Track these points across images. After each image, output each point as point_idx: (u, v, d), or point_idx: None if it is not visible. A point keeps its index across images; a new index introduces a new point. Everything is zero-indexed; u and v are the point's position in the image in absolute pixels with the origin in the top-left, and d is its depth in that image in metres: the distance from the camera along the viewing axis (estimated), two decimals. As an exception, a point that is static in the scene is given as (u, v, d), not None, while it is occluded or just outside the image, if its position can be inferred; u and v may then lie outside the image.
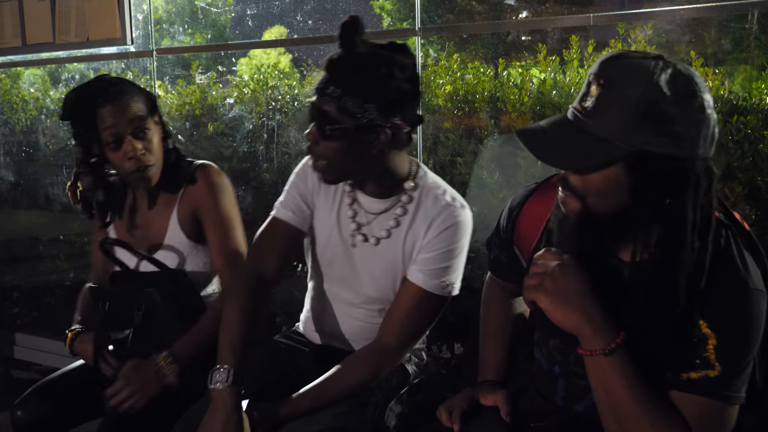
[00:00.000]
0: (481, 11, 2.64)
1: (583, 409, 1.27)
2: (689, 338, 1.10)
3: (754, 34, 2.18)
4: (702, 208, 1.07)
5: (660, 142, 1.02)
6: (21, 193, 3.68)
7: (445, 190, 1.57)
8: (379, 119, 1.40)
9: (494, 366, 1.45)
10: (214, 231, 1.79)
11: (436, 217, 1.52)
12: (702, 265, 1.08)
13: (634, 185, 1.06)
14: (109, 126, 1.66)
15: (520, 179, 2.35)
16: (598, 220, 1.12)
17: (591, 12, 2.15)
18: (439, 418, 1.37)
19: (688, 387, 1.09)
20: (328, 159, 1.44)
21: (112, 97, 1.67)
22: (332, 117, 1.39)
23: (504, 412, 1.33)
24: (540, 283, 1.14)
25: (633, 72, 1.03)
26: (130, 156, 1.68)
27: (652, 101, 1.01)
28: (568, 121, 1.10)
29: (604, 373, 1.11)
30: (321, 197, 1.62)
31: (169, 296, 1.71)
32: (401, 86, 1.40)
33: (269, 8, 2.99)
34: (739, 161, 2.05)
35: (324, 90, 1.38)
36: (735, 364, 1.08)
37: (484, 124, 2.47)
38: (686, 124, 1.02)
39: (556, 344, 1.30)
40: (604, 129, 1.04)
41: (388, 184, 1.54)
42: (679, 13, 1.97)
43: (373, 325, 1.61)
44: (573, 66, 2.34)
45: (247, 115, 2.99)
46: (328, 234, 1.62)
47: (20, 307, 3.70)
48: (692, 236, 1.07)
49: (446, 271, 1.52)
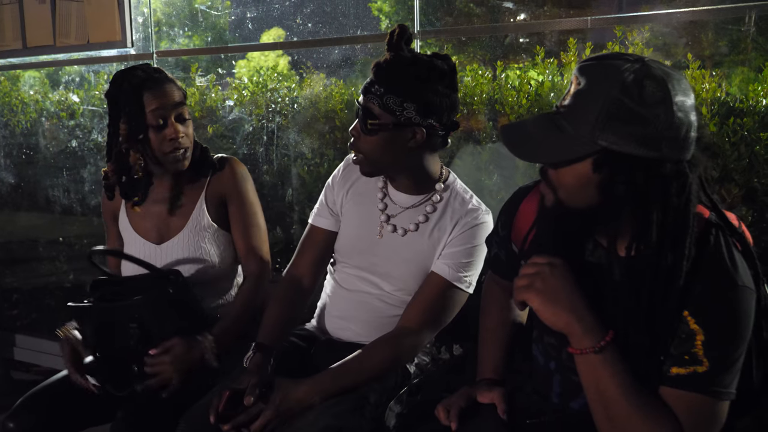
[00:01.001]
0: (479, 14, 2.66)
1: (578, 406, 1.29)
2: (677, 334, 1.11)
3: (752, 36, 2.19)
4: (675, 210, 1.08)
5: (625, 142, 1.04)
6: (21, 195, 3.68)
7: (472, 195, 1.74)
8: (417, 118, 1.55)
9: (492, 364, 1.47)
10: (239, 216, 1.91)
11: (462, 217, 1.67)
12: (678, 266, 1.09)
13: (601, 183, 1.09)
14: (155, 108, 1.76)
15: (518, 181, 2.36)
16: (570, 213, 1.15)
17: (588, 15, 2.17)
18: (437, 416, 1.38)
19: (677, 383, 1.11)
20: (367, 152, 1.61)
21: (157, 82, 1.79)
22: (374, 113, 1.55)
23: (501, 410, 1.34)
24: (530, 284, 1.17)
25: (606, 72, 1.07)
26: (171, 137, 1.79)
27: (619, 102, 1.04)
28: (549, 117, 1.14)
29: (595, 371, 1.13)
30: (351, 197, 1.79)
31: (164, 301, 1.71)
32: (438, 90, 1.55)
33: (269, 11, 3.01)
34: (736, 163, 2.06)
35: (369, 89, 1.56)
36: (723, 359, 1.09)
37: (482, 126, 2.47)
38: (654, 126, 1.04)
39: (550, 341, 1.32)
40: (574, 126, 1.08)
41: (419, 182, 1.70)
42: (676, 16, 1.98)
43: (389, 319, 1.70)
44: (570, 68, 2.35)
45: (247, 118, 3.00)
46: (357, 225, 1.76)
47: (20, 309, 3.71)
48: (659, 238, 1.09)
49: (468, 266, 1.65)
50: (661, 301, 1.11)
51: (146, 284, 1.77)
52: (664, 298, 1.11)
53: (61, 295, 3.54)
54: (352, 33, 2.80)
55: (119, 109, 1.79)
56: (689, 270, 1.10)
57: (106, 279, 1.83)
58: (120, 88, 1.78)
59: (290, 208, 2.92)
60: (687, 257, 1.09)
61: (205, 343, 1.70)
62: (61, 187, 3.51)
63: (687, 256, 1.09)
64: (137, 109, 1.76)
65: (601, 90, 1.05)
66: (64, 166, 3.49)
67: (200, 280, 1.89)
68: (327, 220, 1.81)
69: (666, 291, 1.10)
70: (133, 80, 1.77)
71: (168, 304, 1.71)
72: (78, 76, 3.53)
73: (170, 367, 1.64)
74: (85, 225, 3.46)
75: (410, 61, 1.55)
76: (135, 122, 1.77)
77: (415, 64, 1.55)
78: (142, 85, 1.77)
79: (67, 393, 1.76)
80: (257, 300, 1.88)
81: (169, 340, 1.67)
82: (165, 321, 1.70)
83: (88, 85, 3.46)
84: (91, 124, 3.39)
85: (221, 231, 1.93)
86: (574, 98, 1.10)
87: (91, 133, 3.38)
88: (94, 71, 3.44)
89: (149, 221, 1.93)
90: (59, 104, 3.49)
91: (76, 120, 3.42)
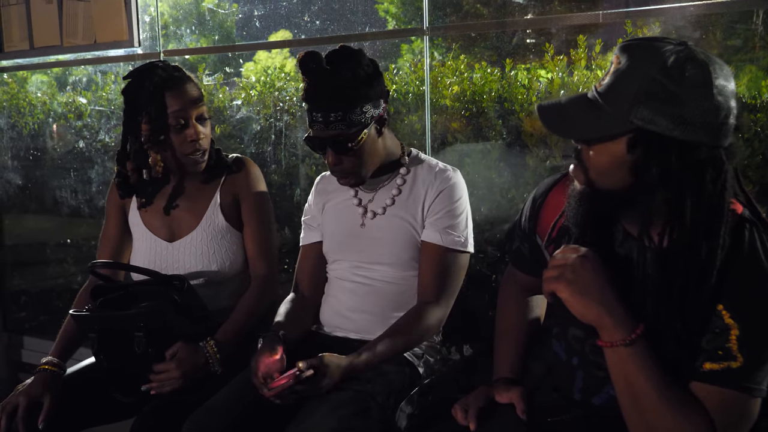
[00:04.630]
0: (485, 14, 2.64)
1: (600, 402, 1.27)
2: (710, 328, 1.09)
3: (759, 35, 2.17)
4: (709, 196, 1.07)
5: (662, 122, 1.03)
6: (28, 196, 3.68)
7: (437, 162, 1.79)
8: (374, 111, 1.62)
9: (509, 363, 1.45)
10: (251, 217, 1.92)
11: (433, 181, 1.73)
12: (712, 257, 1.07)
13: (634, 164, 1.08)
14: (177, 109, 1.75)
15: (528, 179, 2.35)
16: (600, 196, 1.15)
17: (600, 10, 2.15)
18: (455, 416, 1.36)
19: (711, 378, 1.09)
20: (355, 167, 1.66)
21: (178, 82, 1.78)
22: (349, 135, 1.59)
23: (520, 410, 1.32)
24: (560, 275, 1.15)
25: (647, 52, 1.06)
26: (192, 139, 1.78)
27: (658, 82, 1.03)
28: (585, 97, 1.14)
29: (624, 364, 1.11)
30: (327, 208, 1.86)
31: (169, 308, 1.70)
32: (372, 76, 1.60)
33: (276, 9, 2.99)
34: (750, 159, 2.03)
35: (327, 119, 1.57)
36: (758, 355, 1.07)
37: (491, 124, 2.46)
38: (692, 109, 1.03)
39: (575, 334, 1.30)
40: (611, 104, 1.08)
41: (386, 163, 1.74)
42: (689, 10, 1.96)
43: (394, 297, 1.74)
44: (580, 66, 2.33)
45: (255, 117, 2.99)
46: (337, 222, 1.82)
47: (28, 311, 3.71)
48: (693, 225, 1.07)
49: (456, 227, 1.70)
50: (694, 292, 1.09)
51: (150, 290, 1.75)
52: (697, 290, 1.09)
53: (69, 298, 3.53)
54: (360, 30, 2.78)
55: (138, 107, 1.77)
56: (724, 262, 1.08)
57: (108, 285, 1.81)
58: (141, 86, 1.76)
59: (298, 207, 2.90)
60: (721, 247, 1.07)
61: (209, 349, 1.69)
62: (69, 188, 3.51)
63: (721, 246, 1.07)
64: (159, 110, 1.74)
65: (640, 69, 1.05)
66: (72, 168, 3.49)
67: (211, 279, 1.88)
68: (312, 234, 1.89)
69: (699, 283, 1.08)
70: (154, 79, 1.75)
71: (173, 311, 1.70)
72: (85, 77, 3.53)
73: (176, 372, 1.63)
74: (93, 227, 3.46)
75: (336, 71, 1.56)
76: (157, 123, 1.75)
77: (345, 70, 1.56)
78: (163, 84, 1.75)
79: (67, 393, 1.75)
80: (264, 303, 1.87)
81: (173, 345, 1.67)
82: (170, 328, 1.69)
83: (95, 86, 3.46)
84: (98, 124, 3.39)
85: (234, 231, 1.92)
86: (614, 77, 1.09)
87: (99, 134, 3.38)
88: (101, 71, 3.43)
89: (161, 218, 1.91)
90: (66, 105, 3.49)
91: (84, 121, 3.42)
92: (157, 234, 1.92)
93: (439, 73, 2.54)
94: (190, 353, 1.67)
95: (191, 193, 1.92)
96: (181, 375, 1.64)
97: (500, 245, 2.36)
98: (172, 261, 1.89)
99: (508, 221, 2.35)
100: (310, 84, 1.58)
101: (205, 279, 1.87)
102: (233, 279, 1.94)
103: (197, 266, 1.87)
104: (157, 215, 1.92)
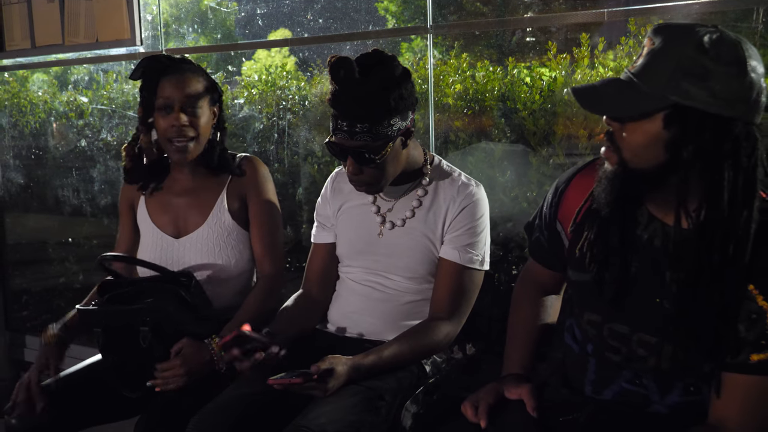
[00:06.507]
0: (487, 12, 2.63)
1: (611, 395, 1.27)
2: (745, 313, 1.10)
3: (760, 33, 2.16)
4: (744, 171, 1.08)
5: (699, 95, 1.05)
6: (30, 196, 3.68)
7: (460, 173, 1.75)
8: (403, 123, 1.57)
9: (520, 360, 1.45)
10: (258, 216, 1.92)
11: (456, 196, 1.69)
12: (747, 231, 1.08)
13: (670, 141, 1.09)
14: (166, 95, 1.79)
15: (532, 178, 2.34)
16: (633, 176, 1.16)
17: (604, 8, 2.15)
18: (465, 413, 1.35)
19: (760, 369, 1.09)
20: (376, 178, 1.62)
21: (177, 71, 1.82)
22: (374, 147, 1.54)
23: (530, 407, 1.31)
24: None
25: (681, 32, 1.09)
26: (173, 124, 1.79)
27: (693, 57, 1.05)
28: (619, 79, 1.15)
29: None
30: (344, 209, 1.82)
31: (175, 303, 1.71)
32: (403, 88, 1.55)
33: (278, 7, 2.99)
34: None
35: (352, 130, 1.52)
36: None
37: (494, 122, 2.45)
38: (729, 84, 1.04)
39: (591, 318, 1.30)
40: (647, 82, 1.09)
41: (407, 170, 1.70)
42: (695, 7, 1.97)
43: (403, 306, 1.73)
44: (583, 64, 2.33)
45: (257, 116, 2.99)
46: (355, 228, 1.79)
47: (30, 310, 3.71)
48: (731, 199, 1.08)
49: (475, 246, 1.68)
50: (731, 269, 1.10)
51: (157, 286, 1.76)
52: (733, 266, 1.09)
53: (71, 296, 3.54)
54: (363, 29, 2.78)
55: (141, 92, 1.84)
56: (753, 242, 1.09)
57: (116, 281, 1.82)
58: (142, 73, 1.83)
59: (300, 206, 2.90)
60: (755, 220, 1.09)
61: (214, 346, 1.68)
62: (71, 187, 3.51)
63: (755, 219, 1.08)
64: (150, 93, 1.80)
65: (676, 48, 1.08)
66: (74, 166, 3.48)
67: (217, 277, 1.88)
68: (326, 234, 1.86)
69: (735, 259, 1.09)
70: (155, 65, 1.82)
71: (179, 307, 1.70)
72: (87, 76, 3.52)
73: (181, 369, 1.63)
74: (95, 226, 3.46)
75: (367, 81, 1.51)
76: (147, 105, 1.82)
77: (376, 81, 1.51)
78: (162, 71, 1.81)
79: (70, 391, 1.76)
80: (270, 302, 1.87)
81: (178, 342, 1.67)
82: (177, 324, 1.69)
83: (97, 85, 3.46)
84: (100, 123, 3.38)
85: (240, 229, 1.92)
86: (648, 57, 1.11)
87: (100, 133, 3.37)
88: (103, 70, 3.43)
89: (168, 214, 1.92)
90: (68, 104, 3.49)
91: (85, 119, 3.41)
92: (164, 230, 1.93)
93: (442, 72, 2.54)
94: (195, 350, 1.66)
95: (198, 190, 1.92)
96: (185, 372, 1.63)
97: (503, 244, 2.36)
98: (178, 257, 1.89)
99: (511, 220, 2.35)
100: (338, 91, 1.52)
101: (210, 276, 1.87)
102: (239, 277, 1.94)
103: (203, 263, 1.87)
104: (163, 211, 1.94)
